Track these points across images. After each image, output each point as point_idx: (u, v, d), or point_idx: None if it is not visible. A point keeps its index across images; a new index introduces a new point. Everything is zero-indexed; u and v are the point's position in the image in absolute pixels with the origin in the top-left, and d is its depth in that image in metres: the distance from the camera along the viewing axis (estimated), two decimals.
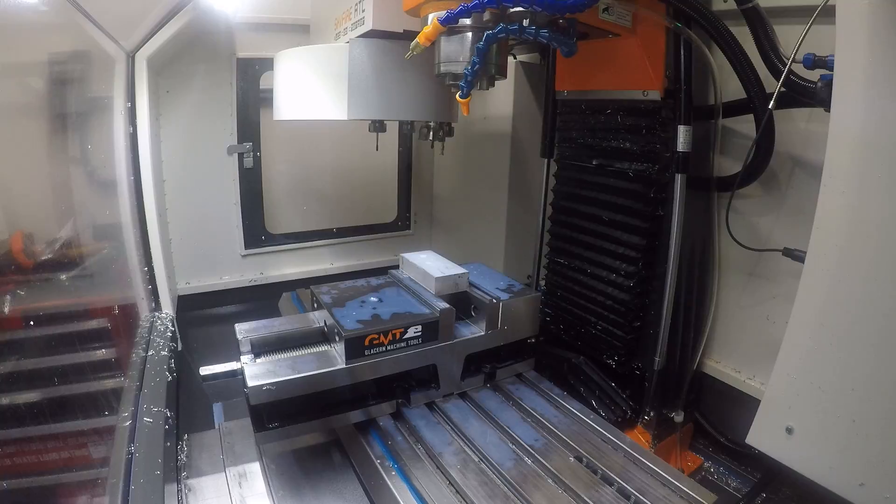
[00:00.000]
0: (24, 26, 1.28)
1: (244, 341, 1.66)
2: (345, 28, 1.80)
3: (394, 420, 1.74)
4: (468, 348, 1.84)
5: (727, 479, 2.14)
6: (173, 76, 2.52)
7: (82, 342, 1.37)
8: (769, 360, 1.57)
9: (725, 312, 2.18)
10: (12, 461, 0.98)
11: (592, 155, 2.10)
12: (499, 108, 2.74)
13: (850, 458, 1.39)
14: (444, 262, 2.00)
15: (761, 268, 2.04)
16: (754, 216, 2.01)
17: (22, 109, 1.34)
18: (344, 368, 1.59)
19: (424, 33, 1.44)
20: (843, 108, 1.34)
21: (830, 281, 1.40)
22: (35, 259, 1.20)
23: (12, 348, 1.05)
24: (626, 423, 1.99)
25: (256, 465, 1.70)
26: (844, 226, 1.36)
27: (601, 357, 2.11)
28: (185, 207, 2.67)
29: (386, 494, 1.48)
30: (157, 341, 1.98)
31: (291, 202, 3.06)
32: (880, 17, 1.22)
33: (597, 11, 1.62)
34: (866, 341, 1.35)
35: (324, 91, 1.79)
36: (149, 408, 1.56)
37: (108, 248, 1.94)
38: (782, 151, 1.83)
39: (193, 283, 2.82)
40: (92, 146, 1.88)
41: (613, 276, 2.04)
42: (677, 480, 1.45)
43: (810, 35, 1.44)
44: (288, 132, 2.88)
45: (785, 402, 1.52)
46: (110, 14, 1.74)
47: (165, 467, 1.35)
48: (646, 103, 1.86)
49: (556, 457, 1.56)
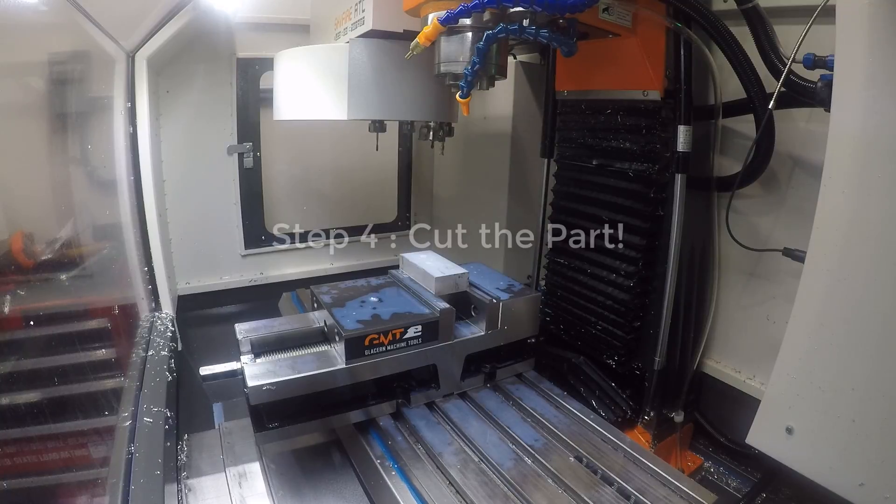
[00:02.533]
0: (24, 26, 1.28)
1: (244, 341, 1.66)
2: (345, 28, 1.80)
3: (394, 420, 1.74)
4: (468, 348, 1.84)
5: (727, 479, 2.14)
6: (173, 76, 2.52)
7: (82, 342, 1.37)
8: (769, 360, 1.57)
9: (725, 312, 2.18)
10: (12, 461, 0.98)
11: (592, 155, 2.10)
12: (499, 108, 2.74)
13: (850, 458, 1.39)
14: (444, 262, 2.00)
15: (761, 268, 2.04)
16: (754, 216, 2.01)
17: (22, 109, 1.34)
18: (344, 368, 1.60)
19: (424, 33, 1.45)
20: (843, 108, 1.34)
21: (830, 281, 1.40)
22: (35, 259, 1.20)
23: (12, 348, 1.05)
24: (626, 423, 1.99)
25: (256, 465, 1.70)
26: (844, 226, 1.36)
27: (601, 357, 2.11)
28: (185, 207, 2.67)
29: (386, 494, 1.48)
30: (157, 341, 1.99)
31: (291, 202, 3.06)
32: (880, 17, 1.22)
33: (597, 11, 1.62)
34: (866, 341, 1.35)
35: (324, 91, 1.79)
36: (149, 408, 1.56)
37: (108, 248, 1.94)
38: (782, 151, 1.83)
39: (193, 283, 2.82)
40: (92, 146, 1.88)
41: (613, 276, 2.03)
42: (677, 480, 1.46)
43: (810, 35, 1.44)
44: (288, 132, 2.88)
45: (785, 402, 1.52)
46: (110, 14, 1.74)
47: (165, 467, 1.35)
48: (646, 103, 1.85)
49: (556, 457, 1.57)
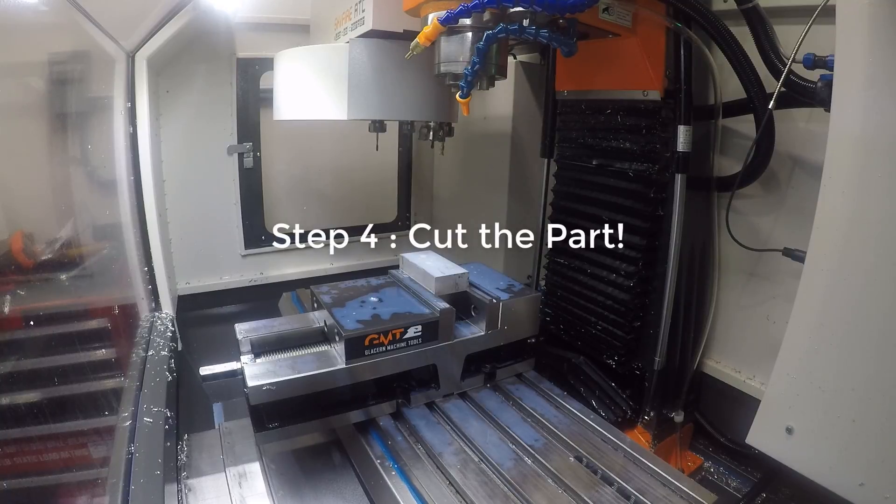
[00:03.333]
0: (24, 26, 1.28)
1: (244, 341, 1.66)
2: (345, 28, 1.80)
3: (394, 420, 1.74)
4: (468, 348, 1.84)
5: (727, 479, 2.14)
6: (173, 76, 2.52)
7: (82, 342, 1.37)
8: (769, 360, 1.58)
9: (725, 312, 2.18)
10: (12, 461, 0.98)
11: (592, 155, 2.10)
12: (499, 108, 2.74)
13: (850, 458, 1.39)
14: (444, 262, 2.00)
15: (761, 268, 2.04)
16: (754, 216, 2.01)
17: (22, 109, 1.34)
18: (344, 368, 1.60)
19: (424, 33, 1.44)
20: (843, 108, 1.34)
21: (830, 281, 1.40)
22: (35, 259, 1.20)
23: (12, 348, 1.04)
24: (626, 423, 1.99)
25: (256, 465, 1.70)
26: (844, 226, 1.36)
27: (601, 357, 2.11)
28: (185, 207, 2.67)
29: (386, 494, 1.48)
30: (157, 341, 1.98)
31: (291, 202, 3.06)
32: (880, 17, 1.22)
33: (597, 11, 1.62)
34: (866, 341, 1.35)
35: (324, 91, 1.79)
36: (149, 408, 1.56)
37: (108, 248, 1.94)
38: (782, 151, 1.83)
39: (193, 283, 2.82)
40: (92, 146, 1.88)
41: (613, 276, 2.03)
42: (677, 480, 1.46)
43: (810, 35, 1.44)
44: (288, 132, 2.88)
45: (785, 402, 1.52)
46: (110, 14, 1.74)
47: (165, 467, 1.35)
48: (646, 103, 1.85)
49: (556, 457, 1.57)
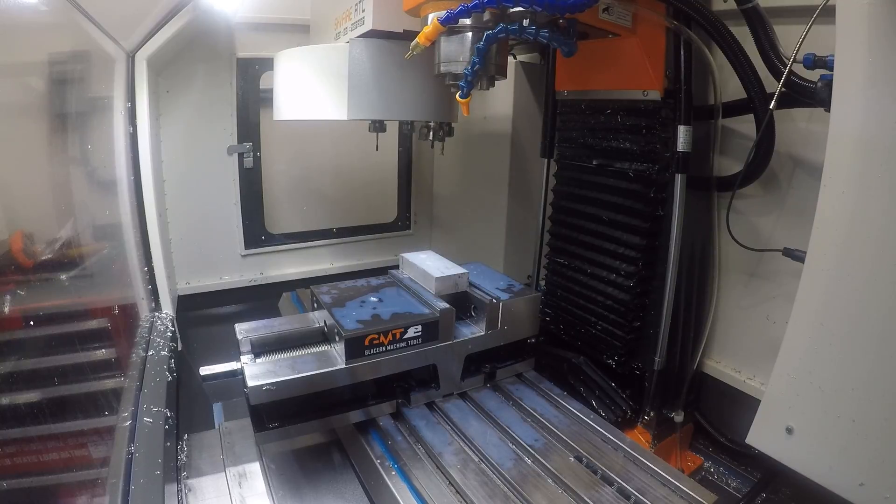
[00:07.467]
0: (24, 26, 1.28)
1: (244, 341, 1.66)
2: (345, 28, 1.80)
3: (394, 420, 1.74)
4: (468, 348, 1.84)
5: (727, 479, 2.14)
6: (173, 76, 2.52)
7: (82, 342, 1.37)
8: (769, 360, 1.57)
9: (725, 312, 2.18)
10: (12, 461, 0.98)
11: (592, 155, 2.10)
12: (499, 108, 2.74)
13: (850, 458, 1.39)
14: (444, 262, 2.00)
15: (761, 268, 2.03)
16: (754, 216, 2.01)
17: (22, 109, 1.34)
18: (344, 368, 1.60)
19: (424, 33, 1.45)
20: (843, 108, 1.34)
21: (830, 281, 1.40)
22: (35, 259, 1.20)
23: (12, 348, 1.05)
24: (626, 423, 1.99)
25: (256, 465, 1.70)
26: (844, 226, 1.36)
27: (601, 357, 2.11)
28: (185, 207, 2.67)
29: (386, 494, 1.48)
30: (157, 341, 1.99)
31: (291, 202, 3.06)
32: (880, 17, 1.22)
33: (597, 11, 1.62)
34: (866, 341, 1.34)
35: (324, 91, 1.79)
36: (149, 408, 1.56)
37: (108, 248, 1.94)
38: (782, 151, 1.83)
39: (193, 283, 2.82)
40: (92, 146, 1.88)
41: (613, 276, 2.03)
42: (677, 480, 1.46)
43: (810, 35, 1.44)
44: (288, 132, 2.88)
45: (785, 402, 1.52)
46: (110, 14, 1.74)
47: (165, 467, 1.36)
48: (646, 103, 1.85)
49: (556, 457, 1.57)
